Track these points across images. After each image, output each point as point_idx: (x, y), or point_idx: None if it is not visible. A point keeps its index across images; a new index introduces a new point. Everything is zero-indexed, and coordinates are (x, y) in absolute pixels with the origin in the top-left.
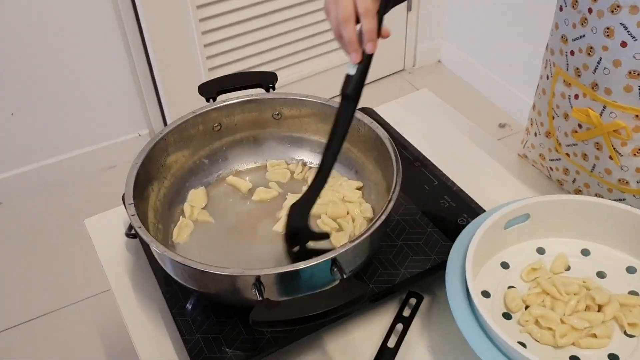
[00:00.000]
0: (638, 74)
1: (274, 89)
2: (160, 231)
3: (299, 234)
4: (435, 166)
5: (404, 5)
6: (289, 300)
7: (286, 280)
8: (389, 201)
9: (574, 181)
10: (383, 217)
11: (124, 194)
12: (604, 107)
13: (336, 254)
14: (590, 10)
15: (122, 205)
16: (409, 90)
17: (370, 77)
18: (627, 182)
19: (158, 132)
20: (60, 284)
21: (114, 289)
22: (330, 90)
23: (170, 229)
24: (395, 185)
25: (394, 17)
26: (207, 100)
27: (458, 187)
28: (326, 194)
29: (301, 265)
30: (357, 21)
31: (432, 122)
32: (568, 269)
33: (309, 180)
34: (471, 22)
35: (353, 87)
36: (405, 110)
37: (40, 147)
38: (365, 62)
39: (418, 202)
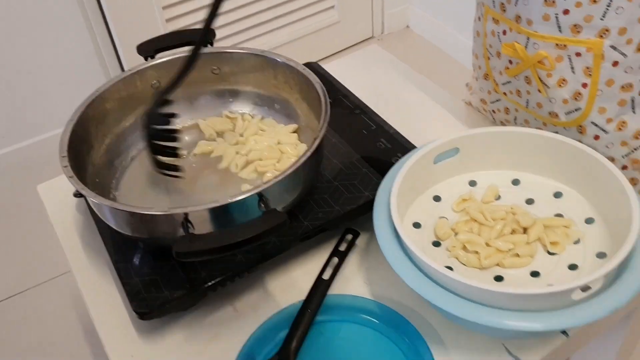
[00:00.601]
0: (553, 2)
1: (212, 45)
2: (99, 185)
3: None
4: (374, 112)
5: None
6: (212, 232)
7: (213, 216)
8: (316, 139)
9: (515, 120)
10: (309, 153)
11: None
12: (528, 38)
13: (261, 188)
14: None
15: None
16: (379, 57)
17: (339, 45)
18: (556, 115)
19: (95, 89)
20: (33, 260)
21: (64, 248)
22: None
23: (112, 184)
24: (323, 122)
25: None
26: (146, 60)
27: (395, 130)
28: (262, 139)
29: (228, 200)
30: None
31: (378, 75)
32: (498, 198)
33: (246, 131)
34: None
35: None
36: (355, 64)
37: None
38: None
39: (355, 146)
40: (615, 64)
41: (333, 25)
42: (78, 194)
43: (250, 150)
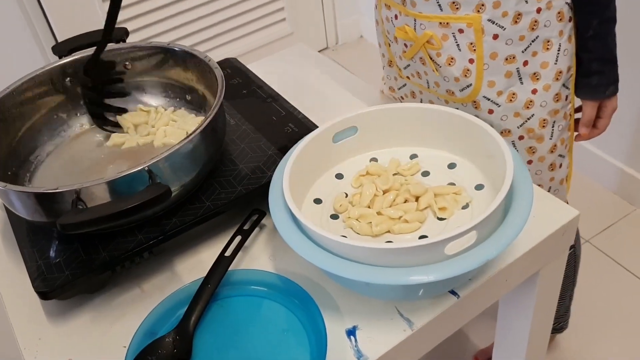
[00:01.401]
0: None
1: (124, 42)
2: (10, 177)
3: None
4: (286, 100)
5: None
6: (97, 205)
7: (102, 193)
8: (207, 117)
9: (421, 102)
10: (199, 130)
11: None
12: (415, 20)
13: (148, 164)
14: None
15: None
16: (333, 67)
17: None
18: (452, 92)
19: (8, 85)
20: None
21: None
22: None
23: (26, 177)
24: (218, 100)
25: None
26: (60, 59)
27: (304, 115)
28: (171, 130)
29: (117, 176)
30: None
31: (301, 69)
32: (396, 174)
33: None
34: None
35: None
36: (279, 62)
37: None
38: None
39: (264, 131)
40: (495, 37)
41: (286, 37)
42: None
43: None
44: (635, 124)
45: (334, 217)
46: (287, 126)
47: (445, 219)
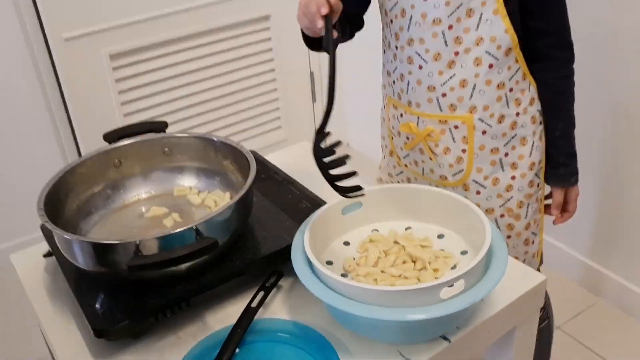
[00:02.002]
0: (433, 88)
1: (164, 132)
2: (75, 232)
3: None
4: (298, 183)
5: (309, 96)
6: (158, 252)
7: (158, 245)
8: (242, 189)
9: None
10: (236, 198)
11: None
12: (418, 118)
13: (196, 224)
14: (396, 47)
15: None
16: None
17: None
18: (446, 177)
19: (67, 164)
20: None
21: (31, 299)
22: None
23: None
24: (250, 176)
25: (302, 107)
26: (110, 144)
27: (315, 194)
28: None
29: (171, 231)
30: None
31: (306, 160)
32: (395, 242)
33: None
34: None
35: (326, 42)
36: (288, 155)
37: None
38: (327, 21)
39: (281, 207)
40: (484, 132)
41: (281, 142)
42: (47, 254)
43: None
44: (596, 222)
45: (344, 275)
46: (301, 203)
47: (437, 277)
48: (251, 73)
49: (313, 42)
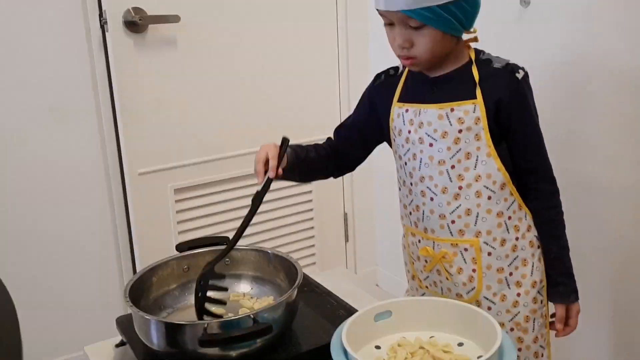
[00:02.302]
0: (444, 216)
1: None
2: None
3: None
4: (336, 296)
5: (342, 235)
6: (221, 332)
7: (222, 326)
8: (292, 288)
9: None
10: (284, 297)
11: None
12: (434, 242)
13: (253, 313)
14: (411, 184)
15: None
16: (346, 275)
17: None
18: (461, 295)
19: (143, 268)
20: None
21: None
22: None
23: None
24: (298, 281)
25: (335, 247)
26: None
27: (350, 305)
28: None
29: (235, 317)
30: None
31: (343, 282)
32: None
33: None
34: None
35: (256, 197)
36: (322, 279)
37: None
38: (266, 183)
39: (321, 313)
40: (489, 254)
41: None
42: (120, 344)
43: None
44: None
45: None
46: (338, 311)
47: None
48: (292, 212)
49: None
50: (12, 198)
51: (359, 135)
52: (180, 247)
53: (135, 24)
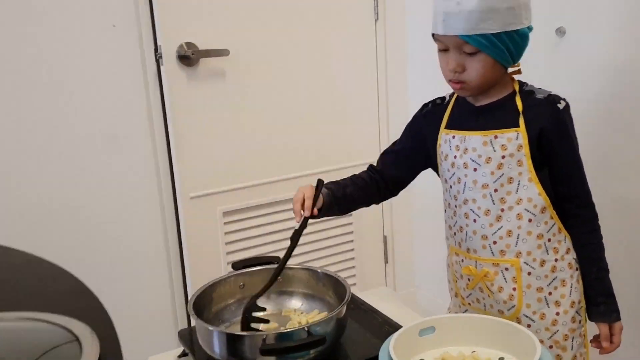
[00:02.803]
0: (486, 237)
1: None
2: None
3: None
4: (381, 313)
5: (382, 257)
6: (280, 342)
7: (278, 337)
8: (342, 304)
9: None
10: (334, 312)
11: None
12: (476, 261)
13: (306, 325)
14: (455, 206)
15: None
16: (388, 294)
17: None
18: (502, 312)
19: (205, 282)
20: None
21: None
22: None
23: None
24: (347, 298)
25: (375, 268)
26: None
27: (395, 322)
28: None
29: (291, 329)
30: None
31: (382, 300)
32: None
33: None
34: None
35: (295, 234)
36: (365, 297)
37: None
38: (303, 222)
39: (367, 328)
40: (529, 274)
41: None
42: (182, 354)
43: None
44: None
45: None
46: (384, 327)
47: None
48: (333, 234)
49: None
50: (71, 220)
51: (405, 161)
52: (235, 266)
53: (188, 57)
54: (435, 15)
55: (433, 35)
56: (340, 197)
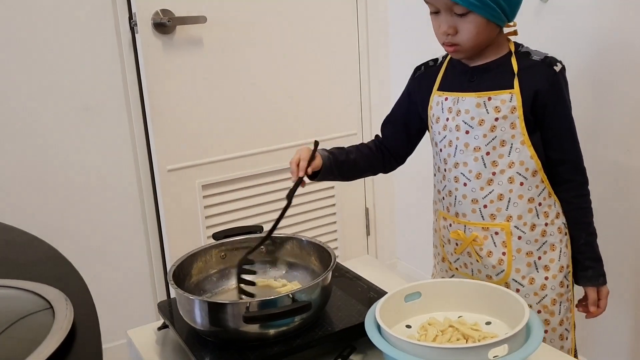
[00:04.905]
0: (476, 201)
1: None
2: None
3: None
4: (366, 280)
5: (363, 229)
6: (264, 310)
7: (262, 305)
8: (325, 272)
9: None
10: (320, 278)
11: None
12: (465, 226)
13: (292, 292)
14: (445, 170)
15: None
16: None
17: None
18: (490, 277)
19: (185, 253)
20: None
21: None
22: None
23: None
24: (332, 264)
25: (357, 240)
26: (217, 240)
27: (380, 288)
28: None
29: (276, 295)
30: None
31: (367, 266)
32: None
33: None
34: (421, 243)
35: (289, 193)
36: (350, 265)
37: None
38: (297, 182)
39: (354, 295)
40: (519, 238)
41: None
42: (162, 327)
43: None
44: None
45: None
46: (369, 293)
47: None
48: (315, 207)
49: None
50: (46, 194)
51: (403, 128)
52: (216, 236)
53: (164, 25)
54: None
55: None
56: (342, 162)
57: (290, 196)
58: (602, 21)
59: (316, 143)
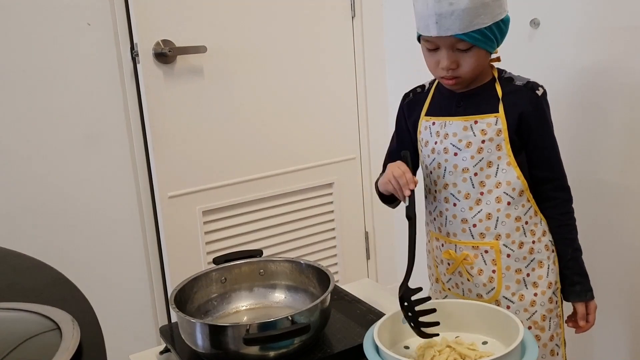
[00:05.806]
0: (466, 220)
1: (260, 256)
2: None
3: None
4: (364, 302)
5: (363, 253)
6: (264, 332)
7: (261, 327)
8: (326, 292)
9: None
10: (317, 301)
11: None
12: (456, 245)
13: (290, 314)
14: (435, 191)
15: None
16: (370, 284)
17: None
18: (481, 295)
19: (185, 278)
20: None
21: None
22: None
23: None
24: (330, 287)
25: (357, 264)
26: (217, 265)
27: (378, 310)
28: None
29: (275, 317)
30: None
31: (366, 289)
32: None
33: None
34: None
35: (410, 211)
36: (349, 288)
37: None
38: (412, 195)
39: (351, 317)
40: (508, 256)
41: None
42: (164, 351)
43: None
44: None
45: None
46: (367, 315)
47: None
48: (315, 231)
49: (387, 199)
50: (49, 221)
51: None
52: (217, 260)
53: (165, 55)
54: (426, 17)
55: (419, 37)
56: None
57: (413, 212)
58: (592, 46)
59: (405, 154)
